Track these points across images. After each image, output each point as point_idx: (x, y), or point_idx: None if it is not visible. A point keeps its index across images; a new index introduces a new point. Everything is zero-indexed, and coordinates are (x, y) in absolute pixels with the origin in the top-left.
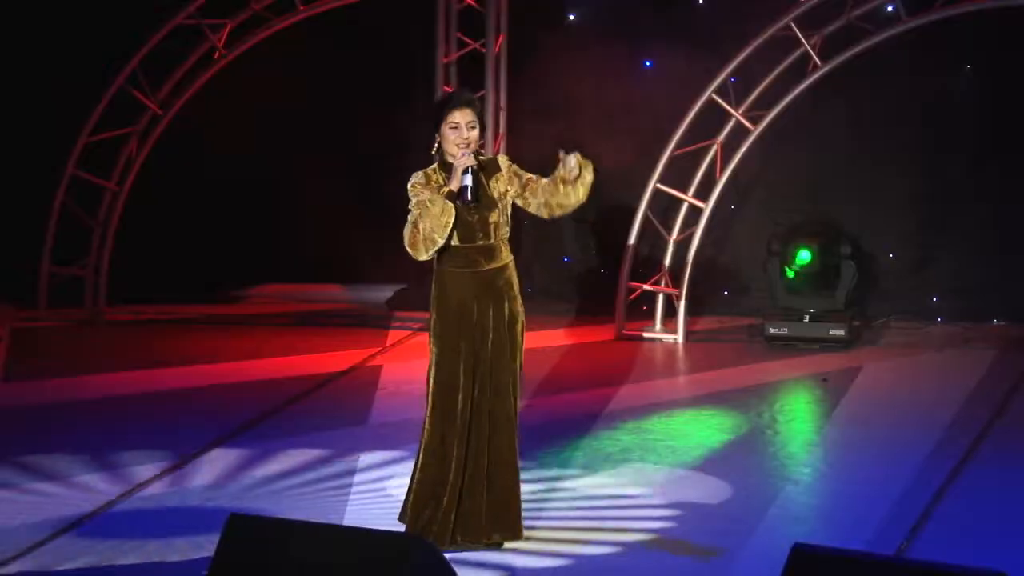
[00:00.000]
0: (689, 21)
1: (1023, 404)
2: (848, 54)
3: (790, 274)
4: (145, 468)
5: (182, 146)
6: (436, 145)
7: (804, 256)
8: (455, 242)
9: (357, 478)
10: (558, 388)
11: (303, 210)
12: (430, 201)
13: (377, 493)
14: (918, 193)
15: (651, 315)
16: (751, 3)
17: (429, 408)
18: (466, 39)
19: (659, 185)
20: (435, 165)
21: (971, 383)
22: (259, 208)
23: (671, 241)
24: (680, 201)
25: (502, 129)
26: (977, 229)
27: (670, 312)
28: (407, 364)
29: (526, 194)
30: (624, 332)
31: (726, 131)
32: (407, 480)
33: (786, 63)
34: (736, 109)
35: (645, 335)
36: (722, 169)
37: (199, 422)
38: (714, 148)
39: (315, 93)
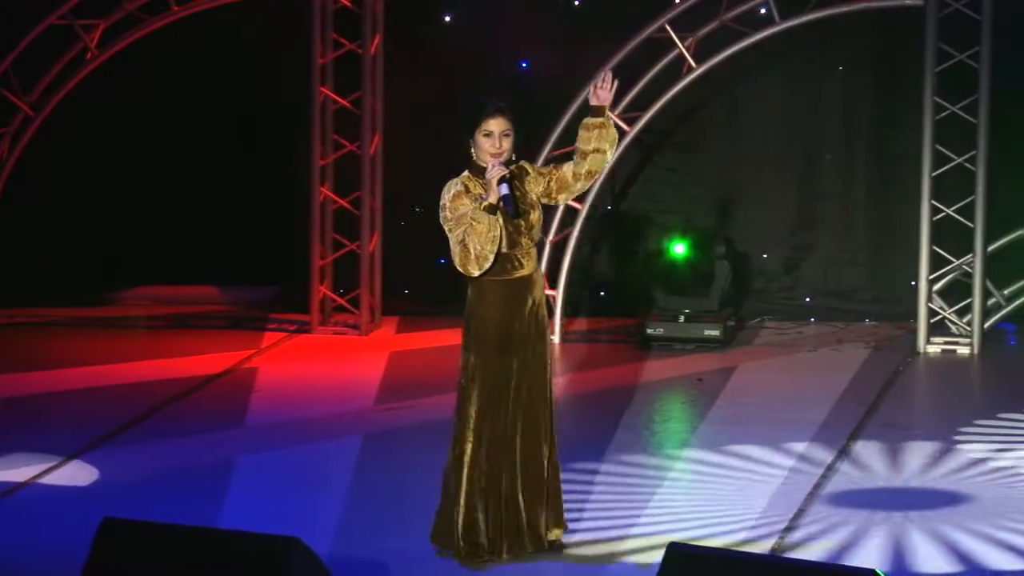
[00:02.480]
0: (566, 22)
1: (895, 402)
2: (721, 56)
3: (670, 255)
4: (14, 472)
5: (55, 147)
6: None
7: (678, 249)
8: (501, 248)
9: (234, 480)
10: (423, 391)
11: (178, 211)
12: (473, 219)
13: (255, 494)
14: (789, 194)
15: None
16: (629, 4)
17: (471, 422)
18: (342, 39)
19: None
20: (467, 173)
21: (844, 382)
22: (133, 209)
23: (547, 243)
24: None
25: (378, 130)
26: (848, 230)
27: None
28: (282, 367)
29: (551, 188)
30: None
31: None
32: (276, 481)
33: (661, 65)
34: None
35: None
36: None
37: (70, 426)
38: None
39: (189, 93)
